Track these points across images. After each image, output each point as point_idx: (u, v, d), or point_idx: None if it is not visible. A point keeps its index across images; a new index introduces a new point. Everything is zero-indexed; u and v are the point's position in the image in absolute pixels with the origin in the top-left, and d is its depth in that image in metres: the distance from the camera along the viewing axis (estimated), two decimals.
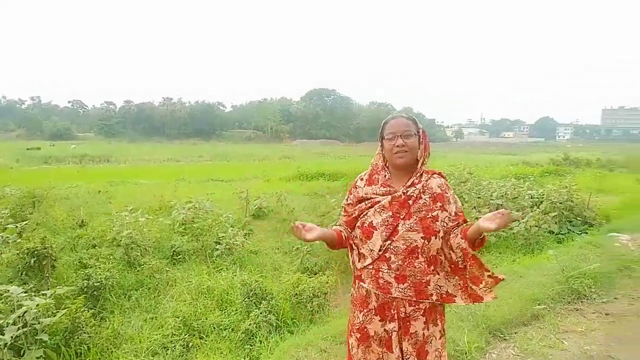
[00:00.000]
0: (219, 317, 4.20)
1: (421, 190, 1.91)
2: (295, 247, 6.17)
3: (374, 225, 1.92)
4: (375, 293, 1.93)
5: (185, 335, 3.81)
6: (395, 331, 1.92)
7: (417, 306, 1.91)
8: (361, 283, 2.00)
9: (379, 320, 1.94)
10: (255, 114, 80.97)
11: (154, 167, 22.55)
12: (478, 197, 8.14)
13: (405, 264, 1.87)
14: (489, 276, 1.94)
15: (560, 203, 7.91)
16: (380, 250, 1.90)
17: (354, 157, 34.16)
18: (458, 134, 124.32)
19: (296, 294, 4.27)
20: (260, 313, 3.88)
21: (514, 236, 7.07)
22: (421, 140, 1.95)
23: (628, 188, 14.21)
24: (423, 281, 1.90)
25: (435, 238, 1.89)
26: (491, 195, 8.20)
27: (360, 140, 76.45)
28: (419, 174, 1.95)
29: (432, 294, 1.93)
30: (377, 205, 1.93)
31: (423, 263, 1.90)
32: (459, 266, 1.97)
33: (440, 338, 1.98)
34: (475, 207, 7.78)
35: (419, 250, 1.87)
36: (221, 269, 5.45)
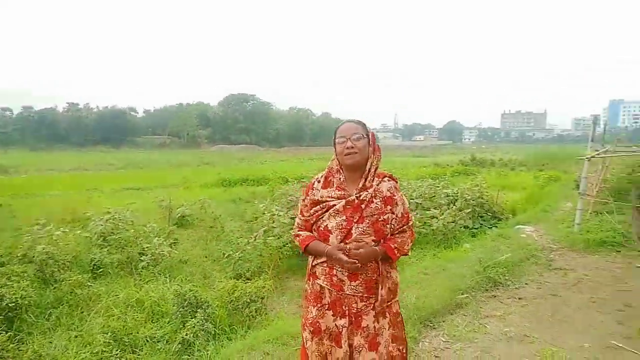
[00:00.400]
0: (152, 329, 4.03)
1: (373, 195, 2.01)
2: (226, 254, 6.07)
3: (329, 228, 2.02)
4: (329, 289, 2.04)
5: (116, 351, 3.61)
6: (345, 327, 2.02)
7: (367, 302, 2.02)
8: (316, 280, 2.09)
9: (332, 315, 2.05)
10: (170, 119, 77.73)
11: (59, 177, 20.86)
12: None
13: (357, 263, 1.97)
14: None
15: (473, 200, 8.56)
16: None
17: (275, 162, 34.19)
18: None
19: (232, 300, 4.23)
20: (197, 322, 3.79)
21: (434, 232, 7.53)
22: (370, 142, 2.05)
23: (528, 184, 15.69)
24: (373, 278, 2.02)
25: (384, 240, 2.02)
26: (411, 195, 8.66)
27: (281, 145, 76.56)
28: (370, 177, 2.04)
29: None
30: (332, 209, 2.03)
31: (373, 262, 2.02)
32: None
33: (389, 329, 2.10)
34: None
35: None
36: (149, 281, 5.22)
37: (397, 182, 2.14)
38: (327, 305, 2.05)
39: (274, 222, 6.66)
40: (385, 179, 2.09)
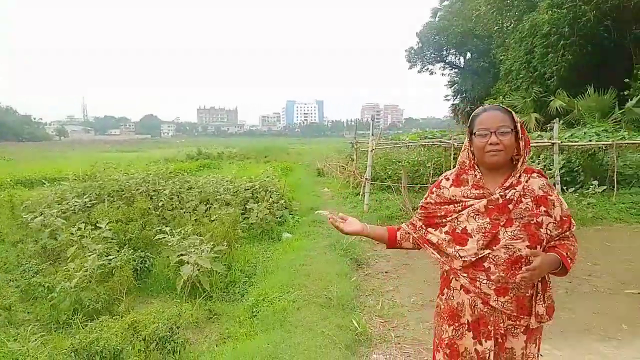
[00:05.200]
0: None
1: (522, 193, 1.69)
2: (57, 287, 4.52)
3: (469, 231, 1.71)
4: (471, 305, 1.74)
5: None
6: (491, 350, 1.72)
7: (517, 322, 1.71)
8: (451, 292, 1.80)
9: (472, 338, 1.75)
10: None
11: None
12: (201, 194, 8.17)
13: (508, 275, 1.67)
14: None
15: (274, 191, 8.89)
16: (473, 258, 1.71)
17: None
18: (61, 131, 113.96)
19: (145, 339, 3.32)
20: None
21: (252, 226, 7.54)
22: (520, 136, 1.70)
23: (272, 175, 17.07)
24: (527, 295, 1.71)
25: (541, 247, 1.69)
26: (218, 191, 8.33)
27: None
28: (517, 174, 1.72)
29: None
30: (470, 209, 1.72)
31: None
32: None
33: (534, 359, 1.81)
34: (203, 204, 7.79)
35: (523, 261, 1.65)
36: None
37: (547, 179, 1.80)
38: (466, 325, 1.75)
39: (92, 238, 5.37)
40: (535, 175, 1.75)
